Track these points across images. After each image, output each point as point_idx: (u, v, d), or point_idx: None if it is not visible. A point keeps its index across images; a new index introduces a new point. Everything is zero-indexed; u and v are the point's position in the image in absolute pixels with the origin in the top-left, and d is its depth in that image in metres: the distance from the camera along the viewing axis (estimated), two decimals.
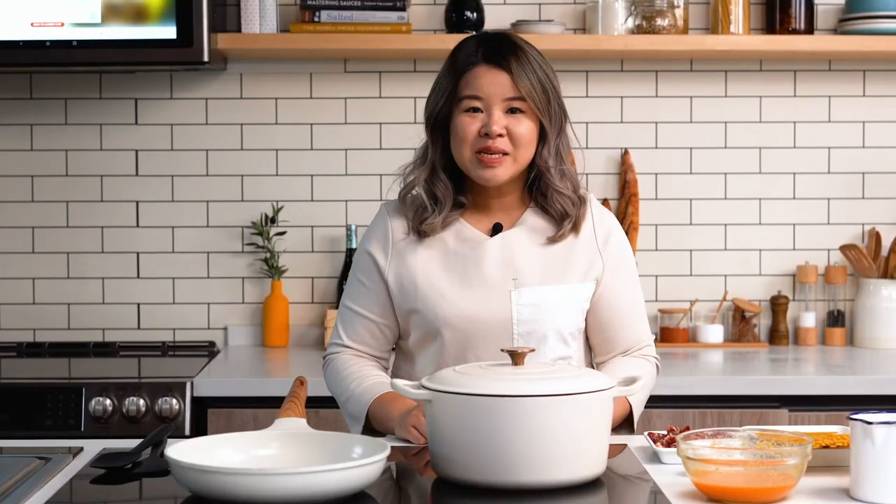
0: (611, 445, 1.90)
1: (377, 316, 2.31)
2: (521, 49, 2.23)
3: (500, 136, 2.19)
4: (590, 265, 2.28)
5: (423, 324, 2.25)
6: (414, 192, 2.30)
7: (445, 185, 2.26)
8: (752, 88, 3.67)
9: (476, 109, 2.21)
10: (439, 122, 2.26)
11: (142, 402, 3.00)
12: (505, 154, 2.20)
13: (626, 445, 2.09)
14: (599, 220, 2.32)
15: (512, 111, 2.21)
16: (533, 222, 2.29)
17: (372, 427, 2.23)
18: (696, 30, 3.64)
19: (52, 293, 3.64)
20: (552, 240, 2.27)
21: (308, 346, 3.60)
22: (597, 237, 2.30)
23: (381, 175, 3.60)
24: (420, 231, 2.27)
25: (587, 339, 2.35)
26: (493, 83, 2.20)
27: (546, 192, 2.28)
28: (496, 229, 2.28)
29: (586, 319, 2.31)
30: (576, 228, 2.28)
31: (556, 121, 2.25)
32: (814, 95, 3.67)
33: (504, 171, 2.21)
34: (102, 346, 3.59)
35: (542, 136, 2.25)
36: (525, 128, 2.21)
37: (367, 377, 2.27)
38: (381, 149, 3.62)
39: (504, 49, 2.22)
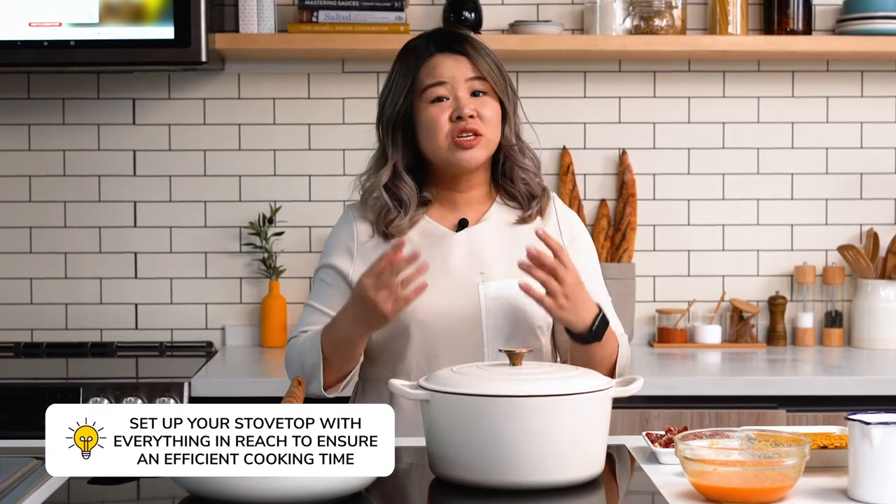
0: (609, 446, 1.90)
1: None
2: (470, 37, 2.31)
3: (472, 116, 2.23)
4: None
5: None
6: (375, 195, 2.30)
7: (410, 186, 2.29)
8: (750, 89, 3.67)
9: (441, 99, 2.24)
10: (399, 121, 2.28)
11: (140, 402, 3.00)
12: (479, 135, 2.23)
13: (624, 445, 2.09)
14: (564, 217, 2.35)
15: (475, 94, 2.25)
16: (499, 216, 2.31)
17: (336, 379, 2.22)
18: (693, 30, 3.64)
19: (50, 293, 3.63)
20: (522, 220, 2.30)
21: None
22: (562, 234, 2.32)
23: None
24: (386, 233, 2.28)
25: (556, 338, 2.35)
26: (454, 67, 2.25)
27: (512, 175, 2.32)
28: (462, 225, 2.29)
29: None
30: (542, 213, 2.32)
31: (513, 101, 2.31)
32: (812, 96, 3.67)
33: (480, 151, 2.25)
34: (100, 347, 3.59)
35: (504, 117, 2.29)
36: (491, 109, 2.26)
37: (315, 330, 2.25)
38: None
39: (456, 37, 2.30)
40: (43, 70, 3.56)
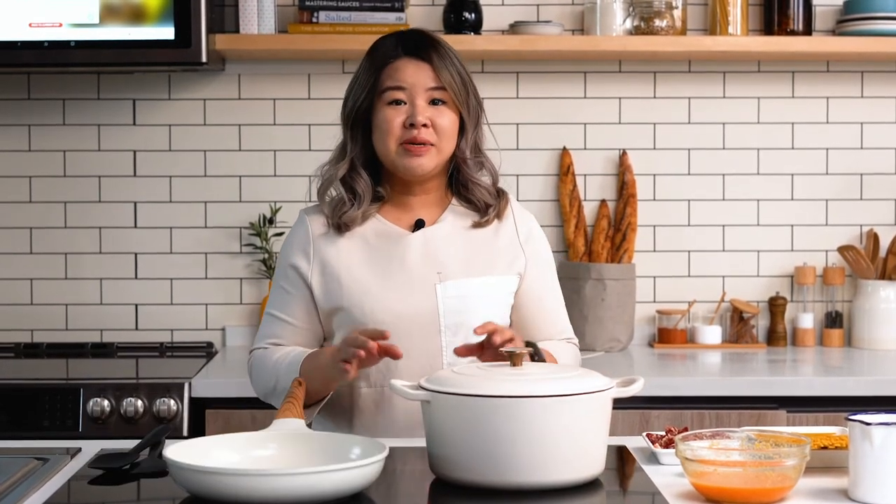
0: (609, 446, 1.90)
1: (300, 321, 2.29)
2: (439, 43, 2.29)
3: (425, 126, 2.22)
4: (513, 259, 2.31)
5: (348, 322, 2.24)
6: (332, 191, 2.31)
7: (365, 180, 2.29)
8: (751, 90, 3.67)
9: (399, 102, 2.24)
10: (359, 117, 2.29)
11: (140, 402, 3.00)
12: (430, 145, 2.23)
13: (624, 446, 2.09)
14: (520, 217, 2.36)
15: (434, 103, 2.24)
16: (455, 217, 2.32)
17: (312, 400, 2.20)
18: (694, 31, 3.64)
19: (50, 294, 3.63)
20: (478, 224, 2.31)
21: None
22: (518, 233, 2.33)
23: None
24: (339, 225, 2.27)
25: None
26: (416, 74, 2.24)
27: (466, 184, 2.32)
28: (418, 225, 2.30)
29: (510, 317, 2.33)
30: (500, 216, 2.33)
31: (474, 114, 2.29)
32: (812, 97, 3.67)
33: (429, 160, 2.24)
34: (100, 347, 3.59)
35: (461, 129, 2.28)
36: (448, 119, 2.25)
37: (292, 352, 2.25)
38: None
39: (424, 43, 2.27)
40: (43, 70, 3.56)
